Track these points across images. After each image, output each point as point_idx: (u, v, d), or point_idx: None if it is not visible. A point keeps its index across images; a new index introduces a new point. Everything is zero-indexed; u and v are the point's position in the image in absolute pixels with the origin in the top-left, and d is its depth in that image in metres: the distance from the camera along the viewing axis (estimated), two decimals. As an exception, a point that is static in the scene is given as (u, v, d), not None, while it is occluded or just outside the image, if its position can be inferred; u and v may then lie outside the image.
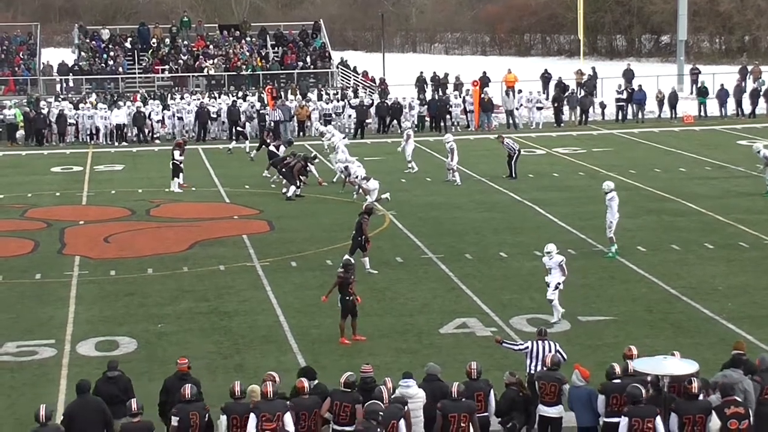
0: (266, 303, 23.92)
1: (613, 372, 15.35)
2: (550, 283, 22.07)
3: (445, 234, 29.96)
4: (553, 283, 22.02)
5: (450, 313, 22.84)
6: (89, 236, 30.75)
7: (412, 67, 68.81)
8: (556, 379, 15.78)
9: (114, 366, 15.96)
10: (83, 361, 20.37)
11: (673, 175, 38.57)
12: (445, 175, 37.61)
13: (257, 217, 33.04)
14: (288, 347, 20.95)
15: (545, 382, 15.72)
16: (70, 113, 49.02)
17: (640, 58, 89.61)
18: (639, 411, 14.33)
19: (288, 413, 14.39)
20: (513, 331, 21.51)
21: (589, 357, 19.85)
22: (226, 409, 14.60)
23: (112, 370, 15.91)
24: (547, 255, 22.25)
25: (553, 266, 22.07)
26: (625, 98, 53.26)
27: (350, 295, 20.98)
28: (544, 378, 15.78)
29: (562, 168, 40.47)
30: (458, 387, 14.80)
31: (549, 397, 15.68)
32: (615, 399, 15.10)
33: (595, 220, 29.24)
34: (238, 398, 14.66)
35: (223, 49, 60.13)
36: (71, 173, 41.50)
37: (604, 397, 15.19)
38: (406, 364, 18.92)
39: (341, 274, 21.11)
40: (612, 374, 15.36)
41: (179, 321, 22.77)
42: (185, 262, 27.64)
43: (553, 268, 22.08)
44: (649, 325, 21.98)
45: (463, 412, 14.63)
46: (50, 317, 23.18)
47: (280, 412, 14.36)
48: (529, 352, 16.93)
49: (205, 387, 15.65)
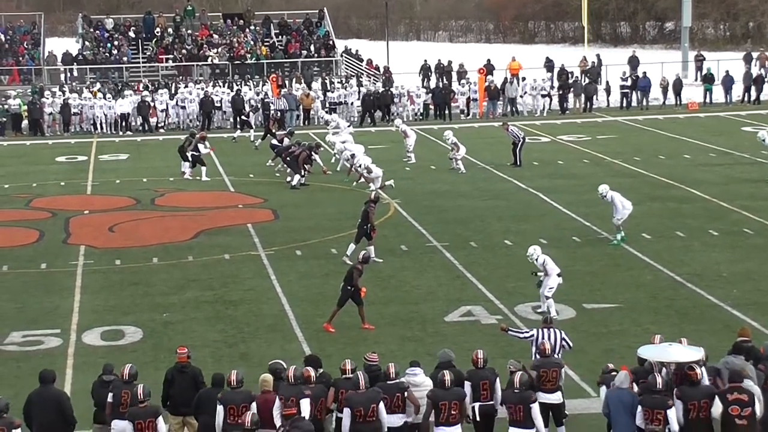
0: (271, 292, 23.92)
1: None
2: (546, 283, 21.55)
3: (450, 222, 29.93)
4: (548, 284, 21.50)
5: (455, 301, 22.83)
6: (94, 226, 30.75)
7: (416, 55, 68.69)
8: (556, 364, 15.76)
9: (109, 370, 15.48)
10: (89, 351, 20.38)
11: (677, 161, 38.51)
12: (450, 163, 37.56)
13: (262, 205, 33.02)
14: (293, 336, 20.95)
15: (546, 369, 15.65)
16: (74, 103, 49.00)
17: (644, 44, 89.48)
18: (652, 401, 14.24)
19: (307, 399, 14.34)
20: (518, 319, 21.50)
21: (594, 344, 19.86)
22: (223, 399, 14.45)
23: (107, 374, 15.42)
24: (529, 258, 21.78)
25: (543, 269, 21.57)
26: (630, 85, 53.16)
27: (353, 287, 20.97)
28: (543, 365, 15.72)
29: (567, 155, 40.42)
30: (449, 376, 14.79)
31: (550, 384, 15.62)
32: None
33: (599, 207, 29.18)
34: (235, 387, 14.60)
35: (227, 38, 60.07)
36: (76, 163, 41.50)
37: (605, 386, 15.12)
38: (411, 352, 18.95)
39: (361, 267, 21.15)
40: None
41: (184, 310, 22.78)
42: (190, 251, 27.64)
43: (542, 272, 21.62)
44: (654, 311, 21.95)
45: (453, 400, 14.67)
46: (56, 307, 23.19)
47: (299, 397, 14.26)
48: (535, 340, 16.88)
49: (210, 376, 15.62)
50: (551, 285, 21.53)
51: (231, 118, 49.27)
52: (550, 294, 21.54)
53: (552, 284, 21.52)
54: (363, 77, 57.46)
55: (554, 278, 21.53)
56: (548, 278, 21.54)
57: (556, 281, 21.55)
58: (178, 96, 50.13)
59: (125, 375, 14.96)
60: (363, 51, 65.15)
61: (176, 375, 15.51)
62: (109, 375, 15.39)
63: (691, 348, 15.26)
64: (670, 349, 15.02)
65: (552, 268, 21.55)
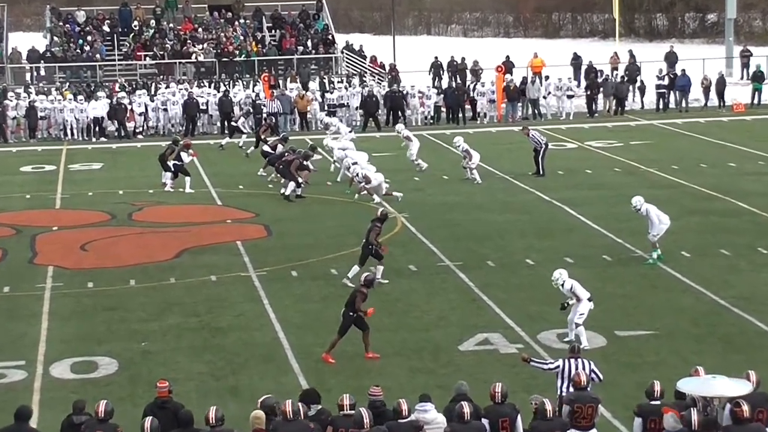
0: (264, 317, 23.92)
1: (653, 391, 15.23)
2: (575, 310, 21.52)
3: (465, 238, 29.95)
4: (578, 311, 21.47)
5: (470, 327, 22.81)
6: (64, 244, 30.79)
7: (426, 51, 68.85)
8: (592, 399, 15.71)
9: (81, 408, 15.29)
10: (57, 385, 20.37)
11: (721, 170, 38.52)
12: (463, 173, 37.59)
13: (253, 220, 33.07)
14: (288, 367, 20.94)
15: (581, 405, 15.57)
16: (42, 105, 49.10)
17: (683, 39, 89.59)
18: None
19: None
20: (542, 348, 21.47)
21: (628, 377, 19.82)
22: None
23: (78, 413, 15.21)
24: (554, 283, 21.71)
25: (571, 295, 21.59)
26: (667, 84, 53.22)
27: (355, 312, 20.97)
28: (578, 400, 15.66)
29: (596, 163, 40.45)
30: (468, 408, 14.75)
31: (585, 421, 15.55)
32: (653, 423, 15.00)
33: (632, 221, 29.18)
34: (215, 426, 14.50)
35: (213, 33, 60.24)
36: (43, 173, 41.57)
37: (641, 420, 15.11)
38: (421, 385, 18.92)
39: (365, 291, 21.16)
40: (651, 394, 15.28)
41: (166, 338, 22.78)
42: (172, 272, 27.66)
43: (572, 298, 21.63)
44: (696, 339, 21.93)
45: None
46: (20, 335, 23.18)
47: None
48: (560, 372, 16.86)
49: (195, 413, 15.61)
50: (581, 311, 21.49)
51: (218, 123, 49.37)
52: (580, 321, 21.51)
53: (582, 310, 21.49)
54: (366, 76, 57.58)
55: (585, 304, 21.49)
56: (578, 304, 21.50)
57: (587, 307, 21.51)
58: (159, 98, 50.24)
59: (100, 412, 14.91)
60: (366, 47, 65.28)
61: (156, 412, 15.46)
62: (80, 415, 15.21)
63: (738, 381, 15.22)
64: (714, 383, 14.98)
65: (581, 292, 21.52)
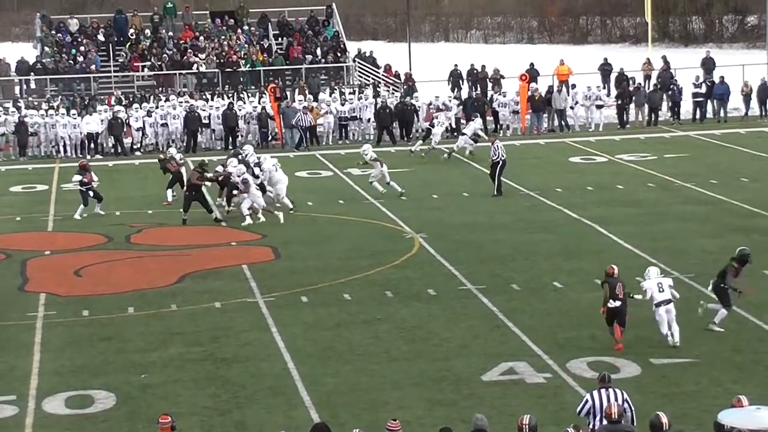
0: (272, 347, 23.93)
1: (660, 424, 15.06)
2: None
3: (487, 260, 29.95)
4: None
5: (494, 356, 22.80)
6: (57, 269, 30.86)
7: (445, 59, 68.92)
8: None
9: None
10: (51, 421, 20.39)
11: (763, 184, 38.47)
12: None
13: (260, 242, 33.11)
14: (299, 400, 20.94)
15: (613, 440, 15.61)
16: (32, 121, 49.20)
17: (721, 43, 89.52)
18: None
19: None
20: (571, 377, 21.46)
21: (664, 408, 19.68)
22: None
23: None
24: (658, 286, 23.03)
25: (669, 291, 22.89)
26: (704, 93, 53.13)
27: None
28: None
29: (628, 178, 40.42)
30: None
31: (620, 457, 15.58)
32: None
33: (668, 240, 29.17)
34: None
35: (216, 41, 60.36)
36: (34, 193, 41.67)
37: None
38: (442, 419, 18.91)
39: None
40: (659, 427, 15.10)
41: (167, 370, 22.79)
42: (173, 298, 27.70)
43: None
44: (738, 368, 21.89)
45: None
46: (10, 368, 23.22)
47: None
48: (591, 408, 16.77)
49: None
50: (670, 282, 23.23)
51: (222, 138, 49.46)
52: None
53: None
54: (380, 87, 57.63)
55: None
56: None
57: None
58: (158, 112, 50.32)
59: None
60: (380, 55, 65.36)
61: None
62: None
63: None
64: (758, 414, 14.96)
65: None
